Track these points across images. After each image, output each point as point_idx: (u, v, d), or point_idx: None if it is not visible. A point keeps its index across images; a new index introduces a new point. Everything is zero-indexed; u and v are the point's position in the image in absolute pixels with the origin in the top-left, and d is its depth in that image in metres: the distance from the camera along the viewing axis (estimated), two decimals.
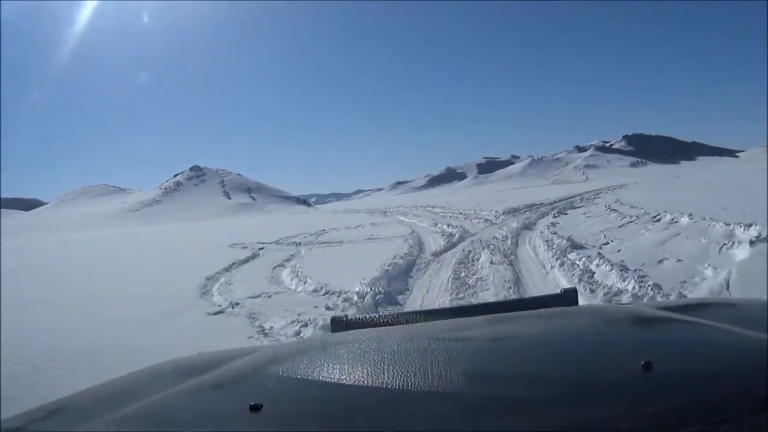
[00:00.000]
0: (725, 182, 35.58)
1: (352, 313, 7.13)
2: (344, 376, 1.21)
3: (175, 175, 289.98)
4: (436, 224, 20.18)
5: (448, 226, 19.04)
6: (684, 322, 1.52)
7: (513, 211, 23.34)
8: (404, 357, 1.34)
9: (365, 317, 2.23)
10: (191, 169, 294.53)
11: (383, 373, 1.15)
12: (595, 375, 1.14)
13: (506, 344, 1.53)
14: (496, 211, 23.22)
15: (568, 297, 2.10)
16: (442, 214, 27.25)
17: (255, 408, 1.01)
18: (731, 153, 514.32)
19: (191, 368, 1.56)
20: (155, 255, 21.88)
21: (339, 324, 2.05)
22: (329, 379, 1.20)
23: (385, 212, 38.57)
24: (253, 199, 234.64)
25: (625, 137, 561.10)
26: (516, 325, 1.72)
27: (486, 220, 20.71)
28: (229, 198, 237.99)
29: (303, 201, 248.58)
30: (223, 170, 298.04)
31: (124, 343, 7.28)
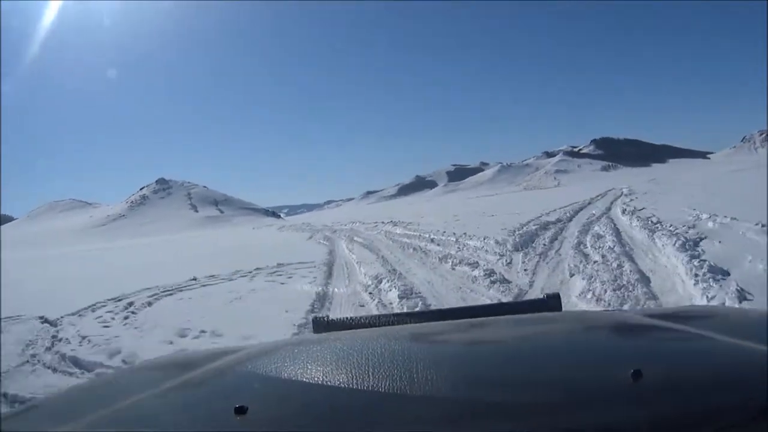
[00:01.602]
0: (708, 183, 35.24)
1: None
2: (327, 378, 1.21)
3: (140, 188, 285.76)
4: (379, 283, 10.57)
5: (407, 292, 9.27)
6: (670, 330, 1.51)
7: (525, 238, 14.68)
8: (388, 359, 1.31)
9: (347, 318, 2.16)
10: (157, 181, 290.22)
11: (366, 374, 1.15)
12: (583, 381, 1.13)
13: (491, 348, 1.48)
14: (496, 240, 14.50)
15: (552, 302, 2.06)
16: (405, 240, 19.30)
17: (240, 410, 1.01)
18: (702, 155, 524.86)
19: (172, 368, 1.55)
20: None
21: (320, 325, 2.03)
22: (313, 381, 1.21)
23: (334, 230, 34.91)
24: (221, 211, 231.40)
25: (594, 141, 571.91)
26: (500, 329, 1.70)
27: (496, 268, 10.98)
28: (197, 211, 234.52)
29: (272, 213, 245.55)
30: (189, 182, 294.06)
31: None
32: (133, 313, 10.45)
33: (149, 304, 11.36)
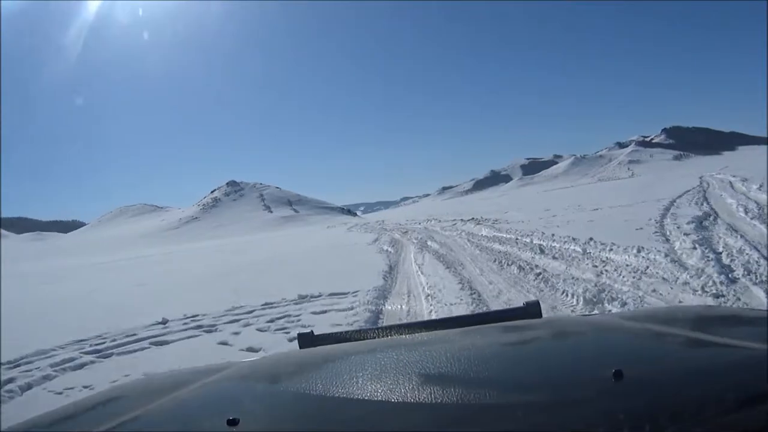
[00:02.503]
0: None
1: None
2: (316, 389, 1.23)
3: (212, 191, 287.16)
4: None
5: None
6: (652, 332, 1.54)
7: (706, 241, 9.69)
8: (374, 371, 1.34)
9: (332, 333, 2.15)
10: (228, 184, 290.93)
11: (356, 387, 1.19)
12: (566, 383, 1.16)
13: (475, 356, 1.46)
14: (661, 251, 9.16)
15: (532, 309, 2.07)
16: (498, 248, 13.84)
17: (232, 422, 1.02)
18: None
19: (165, 385, 1.55)
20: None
21: (306, 340, 2.04)
22: (301, 392, 1.24)
23: (405, 230, 29.22)
24: (296, 211, 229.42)
25: (665, 130, 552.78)
26: (484, 337, 1.70)
27: None
28: (271, 211, 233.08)
29: (348, 211, 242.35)
30: (261, 184, 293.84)
31: None
32: None
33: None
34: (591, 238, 11.64)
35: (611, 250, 10.09)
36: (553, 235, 13.69)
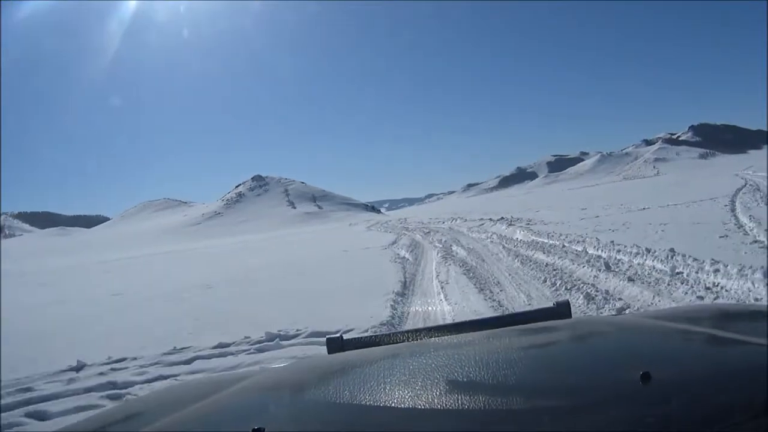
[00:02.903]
0: None
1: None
2: (343, 397, 1.21)
3: (236, 186, 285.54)
4: None
5: None
6: (680, 331, 1.50)
7: None
8: (403, 376, 1.32)
9: (360, 337, 2.10)
10: (253, 178, 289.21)
11: (383, 393, 1.17)
12: (594, 386, 1.14)
13: (503, 359, 1.42)
14: None
15: (562, 310, 2.03)
16: (542, 258, 11.07)
17: (258, 431, 1.01)
18: None
19: (192, 394, 1.52)
20: None
21: (335, 345, 1.99)
22: (328, 400, 1.22)
23: (428, 230, 26.45)
24: (319, 207, 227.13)
25: (692, 128, 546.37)
26: (512, 340, 1.66)
27: None
28: (294, 207, 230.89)
29: (372, 207, 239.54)
30: (287, 179, 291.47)
31: None
32: None
33: None
34: (672, 250, 8.62)
35: (717, 271, 7.05)
36: (612, 242, 10.70)
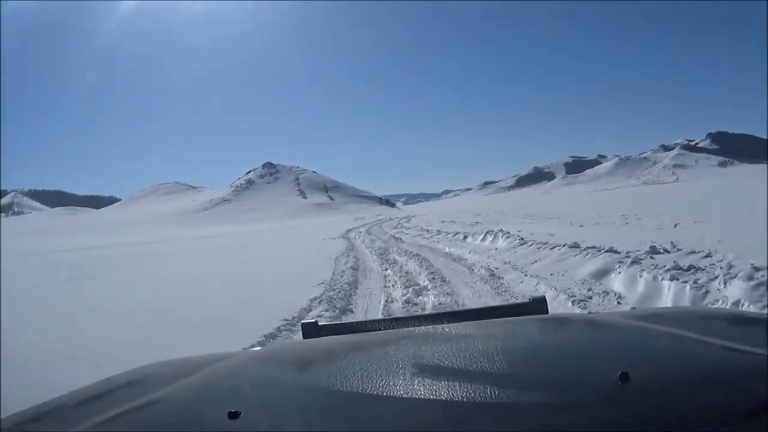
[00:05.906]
0: None
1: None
2: (319, 382, 1.25)
3: (247, 173, 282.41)
4: None
5: None
6: (658, 332, 1.50)
7: None
8: (378, 364, 1.34)
9: (336, 324, 2.14)
10: (264, 165, 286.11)
11: (358, 379, 1.16)
12: (572, 384, 1.13)
13: (481, 352, 1.40)
14: None
15: (539, 306, 2.05)
16: None
17: (233, 415, 1.01)
18: None
19: (166, 374, 1.52)
20: None
21: (310, 330, 2.00)
22: (304, 385, 1.26)
23: (431, 247, 21.48)
24: (331, 198, 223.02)
25: (710, 135, 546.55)
26: (490, 332, 1.66)
27: None
28: (305, 197, 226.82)
29: (386, 201, 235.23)
30: (298, 167, 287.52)
31: None
32: None
33: None
34: None
35: None
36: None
